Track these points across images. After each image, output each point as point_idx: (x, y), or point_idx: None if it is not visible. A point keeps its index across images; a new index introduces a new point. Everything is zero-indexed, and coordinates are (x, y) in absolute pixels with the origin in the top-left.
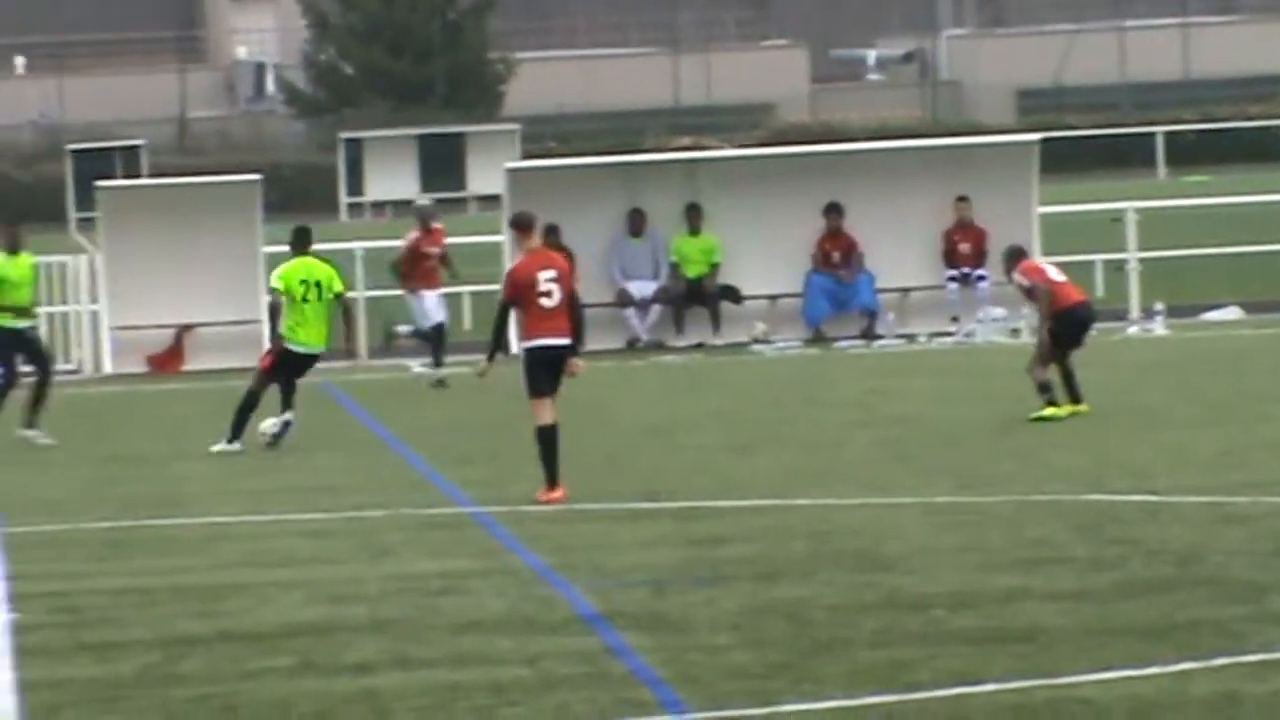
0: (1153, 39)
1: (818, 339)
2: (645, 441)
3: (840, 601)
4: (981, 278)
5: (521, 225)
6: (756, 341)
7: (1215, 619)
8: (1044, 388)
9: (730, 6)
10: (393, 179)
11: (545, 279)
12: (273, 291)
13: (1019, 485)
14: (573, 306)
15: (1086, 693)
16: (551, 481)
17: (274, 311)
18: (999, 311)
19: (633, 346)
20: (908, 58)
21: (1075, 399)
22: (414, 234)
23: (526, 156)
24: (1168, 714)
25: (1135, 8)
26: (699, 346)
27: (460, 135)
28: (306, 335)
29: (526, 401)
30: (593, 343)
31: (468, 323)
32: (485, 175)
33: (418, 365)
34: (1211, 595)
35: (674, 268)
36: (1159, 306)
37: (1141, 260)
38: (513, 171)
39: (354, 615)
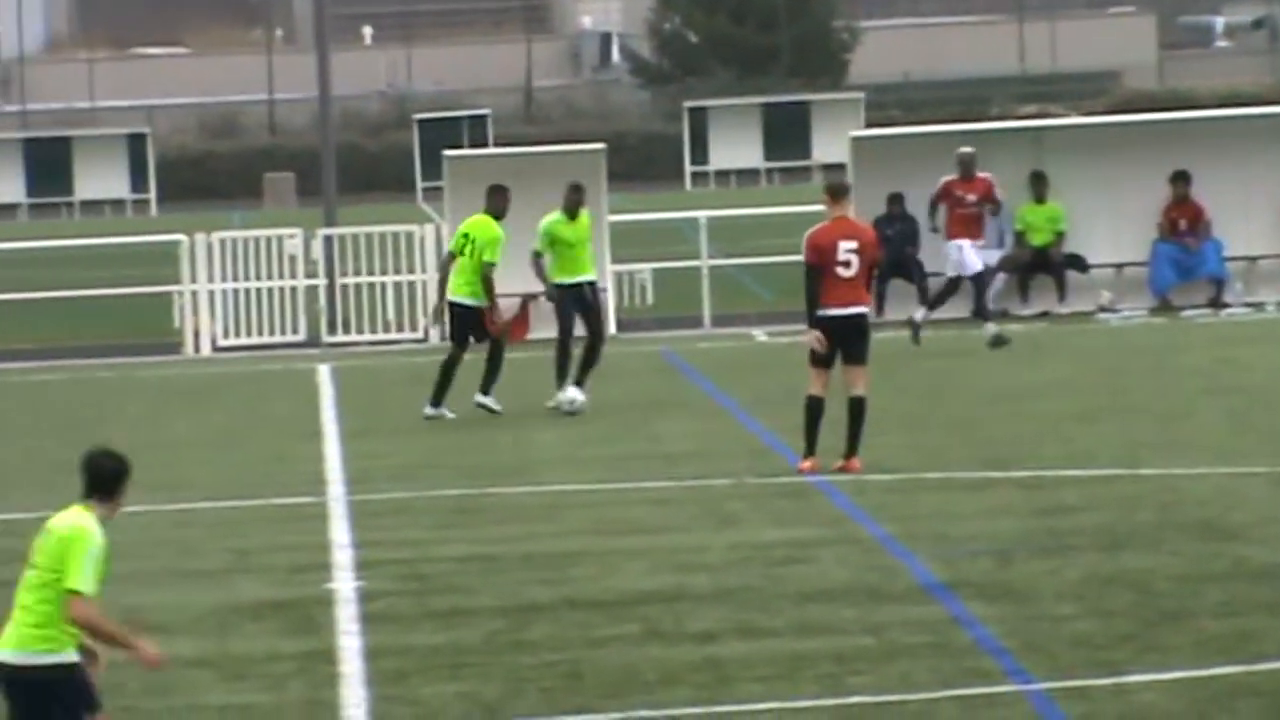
0: None
1: (1164, 307)
2: (989, 410)
3: (1186, 571)
4: None
5: (833, 192)
6: (1102, 310)
7: None
8: None
9: None
10: (737, 148)
11: (845, 248)
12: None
13: None
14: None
15: None
16: (809, 450)
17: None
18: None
19: (978, 315)
20: (1257, 24)
21: None
22: (947, 178)
23: (870, 125)
24: None
25: None
26: (1044, 315)
27: (804, 104)
28: (456, 285)
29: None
30: (938, 310)
31: None
32: (829, 144)
33: (918, 314)
34: None
35: (1019, 236)
36: None
37: None
38: (857, 140)
39: (698, 584)
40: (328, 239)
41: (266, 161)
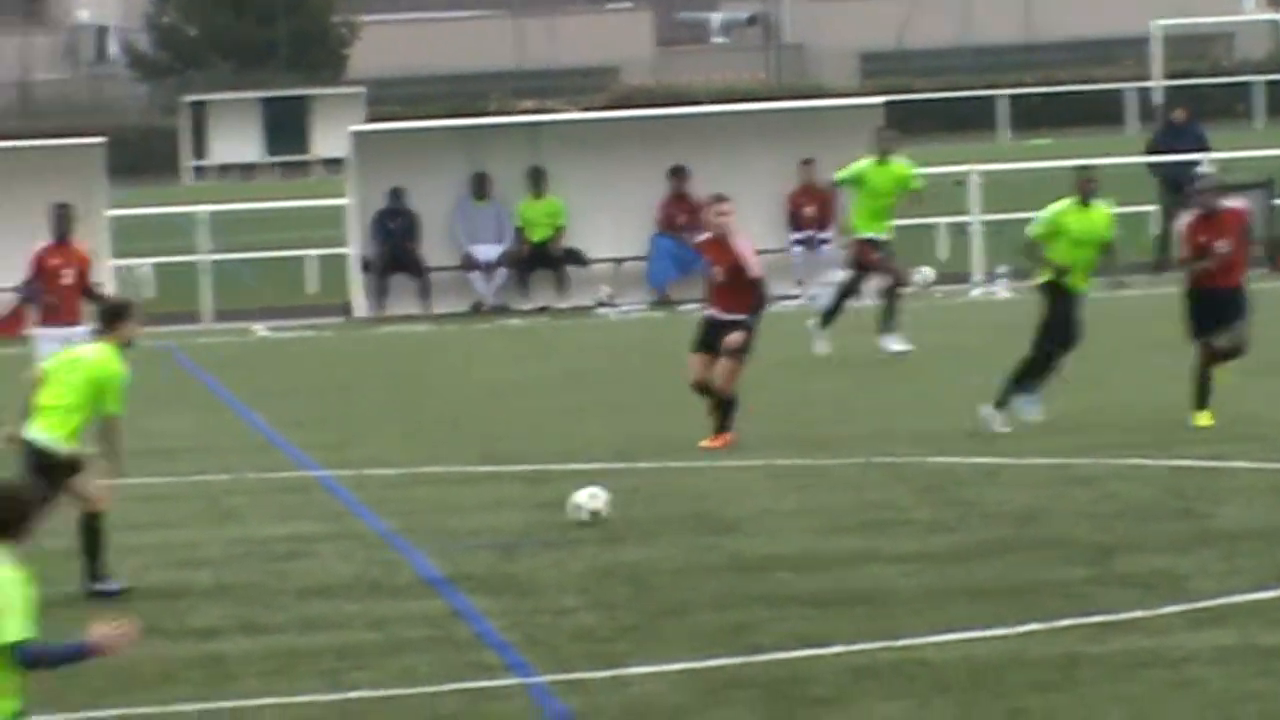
0: (995, 2)
1: (663, 302)
2: (491, 405)
3: (684, 564)
4: (825, 241)
5: None
6: (601, 304)
7: (1058, 580)
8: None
9: None
10: (237, 142)
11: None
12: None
13: (862, 448)
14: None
15: (927, 654)
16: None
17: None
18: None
19: (478, 310)
20: (752, 21)
21: None
22: None
23: (371, 120)
24: (1007, 674)
25: None
26: (544, 310)
27: (304, 98)
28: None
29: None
30: (438, 306)
31: (312, 285)
32: (329, 138)
33: None
34: (1054, 557)
35: (518, 231)
36: (1002, 269)
37: (984, 223)
38: (357, 135)
39: (199, 579)
40: None
41: None
